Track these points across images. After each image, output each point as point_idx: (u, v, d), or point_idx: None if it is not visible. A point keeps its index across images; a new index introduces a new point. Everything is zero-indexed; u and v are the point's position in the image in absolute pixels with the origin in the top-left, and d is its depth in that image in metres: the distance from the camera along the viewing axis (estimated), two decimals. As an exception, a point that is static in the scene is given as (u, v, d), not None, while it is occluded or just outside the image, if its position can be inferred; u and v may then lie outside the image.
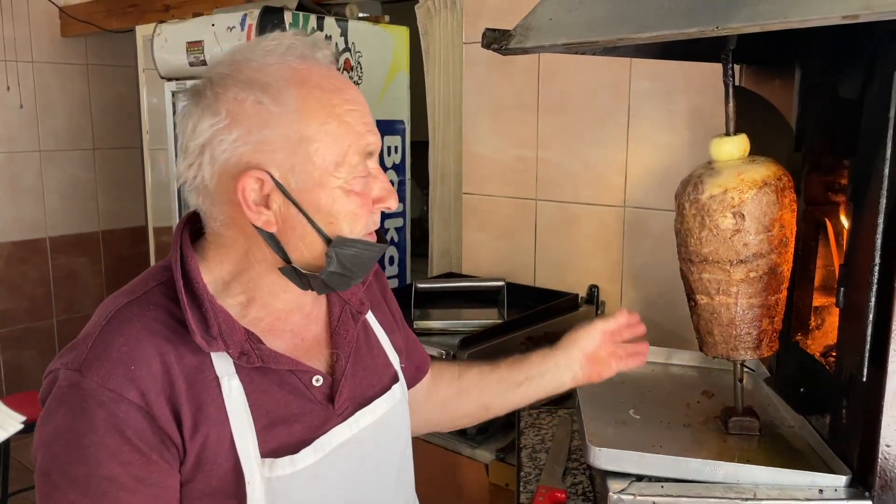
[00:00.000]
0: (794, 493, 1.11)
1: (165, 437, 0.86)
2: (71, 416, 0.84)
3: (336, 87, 0.91)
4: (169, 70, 2.75)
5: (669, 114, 1.93)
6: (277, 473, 0.91)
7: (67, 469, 0.84)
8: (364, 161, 0.91)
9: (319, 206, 0.90)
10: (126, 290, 0.93)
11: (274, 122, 0.87)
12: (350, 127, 0.90)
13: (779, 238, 1.20)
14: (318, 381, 0.97)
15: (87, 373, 0.84)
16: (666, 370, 1.61)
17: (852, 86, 1.17)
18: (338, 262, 0.91)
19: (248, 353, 0.91)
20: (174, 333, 0.89)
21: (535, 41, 1.04)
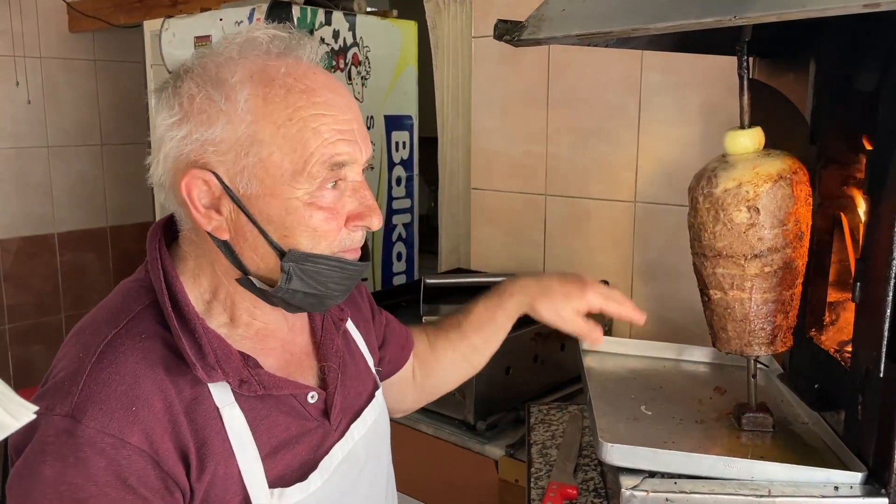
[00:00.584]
0: (809, 490, 1.10)
1: (171, 481, 0.80)
2: (62, 469, 0.75)
3: (307, 89, 0.82)
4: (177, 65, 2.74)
5: (681, 108, 1.92)
6: (288, 502, 0.87)
7: None
8: (330, 173, 0.82)
9: (271, 217, 0.82)
10: (106, 318, 0.85)
11: (224, 121, 0.81)
12: (315, 133, 0.81)
13: (794, 232, 1.18)
14: (314, 397, 0.93)
15: (81, 418, 0.76)
16: (677, 366, 1.60)
17: (869, 77, 1.15)
18: (300, 279, 0.84)
19: (248, 380, 0.86)
20: (170, 364, 0.82)
21: (548, 32, 1.03)
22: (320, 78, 0.85)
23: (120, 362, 0.80)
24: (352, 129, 0.85)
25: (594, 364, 1.59)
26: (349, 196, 0.86)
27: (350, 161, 0.84)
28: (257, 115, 0.81)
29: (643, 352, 1.64)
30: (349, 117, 0.85)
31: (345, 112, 0.84)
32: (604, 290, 1.18)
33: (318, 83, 0.84)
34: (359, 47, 2.57)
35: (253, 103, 0.81)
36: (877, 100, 1.12)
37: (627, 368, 1.57)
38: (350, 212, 0.86)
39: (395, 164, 2.74)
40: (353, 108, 0.87)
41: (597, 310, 1.14)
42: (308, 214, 0.82)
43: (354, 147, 0.85)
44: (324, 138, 0.82)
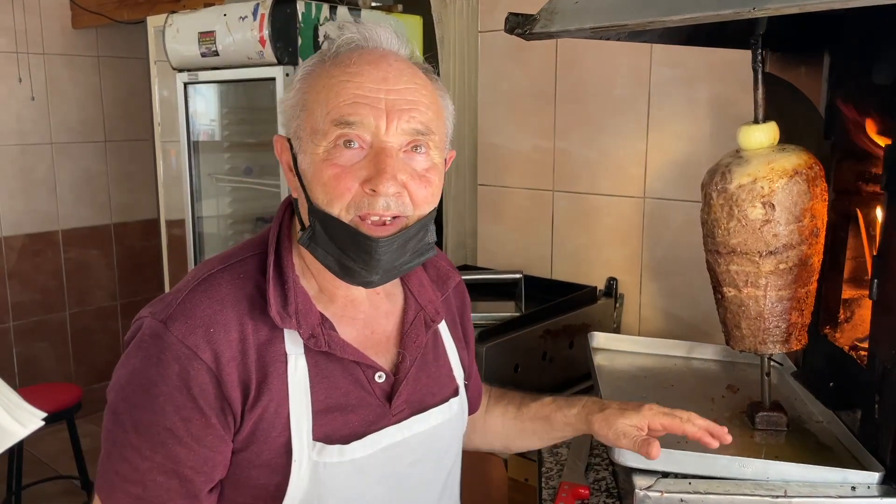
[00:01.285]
0: (825, 491, 1.08)
1: (227, 404, 0.88)
2: (147, 364, 0.88)
3: (348, 62, 0.90)
4: (181, 61, 2.73)
5: (690, 102, 1.90)
6: (325, 459, 0.92)
7: (134, 412, 0.88)
8: (337, 129, 0.87)
9: (304, 172, 0.92)
10: (223, 256, 0.98)
11: (292, 93, 0.94)
12: (335, 95, 0.89)
13: (810, 229, 1.16)
14: (381, 377, 0.98)
15: (170, 326, 0.88)
16: (688, 364, 1.58)
17: (887, 70, 1.13)
18: (322, 236, 0.91)
19: (318, 336, 0.93)
20: (255, 305, 0.92)
21: (560, 25, 1.01)
22: (370, 56, 0.91)
23: (213, 290, 0.92)
24: (378, 96, 0.88)
25: (604, 362, 1.57)
26: (371, 160, 0.88)
27: (362, 123, 0.87)
28: (305, 85, 0.93)
29: (653, 349, 1.62)
30: (381, 87, 0.89)
31: (378, 82, 0.89)
32: (665, 409, 1.10)
33: (363, 60, 0.91)
34: (364, 42, 2.55)
35: (304, 75, 0.93)
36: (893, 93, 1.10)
37: (638, 366, 1.56)
38: (365, 175, 0.88)
39: (401, 160, 2.72)
40: (394, 81, 0.90)
41: (657, 426, 1.08)
42: (322, 170, 0.89)
43: (373, 112, 0.88)
44: (340, 99, 0.88)
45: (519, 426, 1.21)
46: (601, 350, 1.62)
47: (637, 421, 1.07)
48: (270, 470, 0.91)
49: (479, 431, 1.25)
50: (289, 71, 2.37)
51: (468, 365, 1.16)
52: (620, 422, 1.08)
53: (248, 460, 0.91)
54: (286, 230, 0.98)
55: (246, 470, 0.91)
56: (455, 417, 1.08)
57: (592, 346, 1.61)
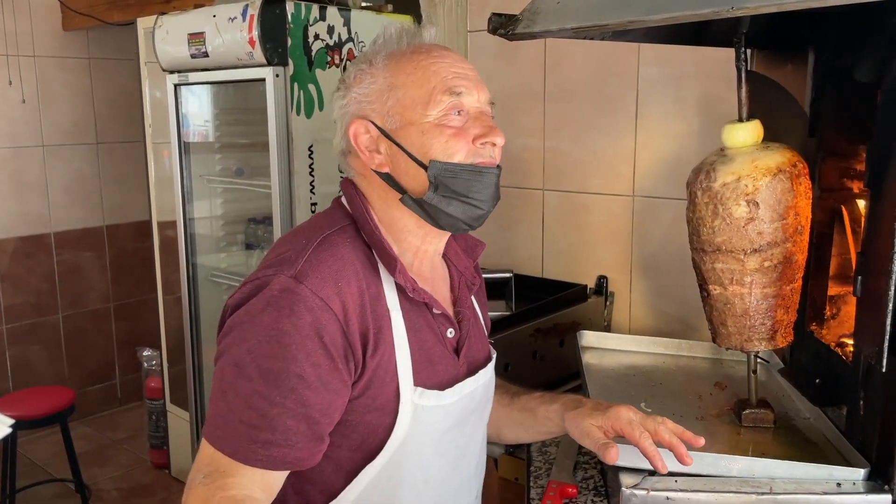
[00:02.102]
0: (811, 487, 1.09)
1: (350, 352, 0.98)
2: (279, 317, 0.94)
3: (427, 49, 1.07)
4: (171, 62, 2.72)
5: (679, 100, 1.90)
6: (423, 403, 1.04)
7: (263, 363, 0.94)
8: (450, 98, 1.03)
9: (413, 141, 1.03)
10: (318, 225, 1.07)
11: (369, 80, 1.06)
12: (435, 73, 1.04)
13: (794, 226, 1.17)
14: (451, 333, 1.11)
15: (303, 280, 0.96)
16: (677, 362, 1.59)
17: (869, 68, 1.13)
18: (445, 186, 1.03)
19: (417, 290, 1.05)
20: (366, 263, 1.04)
21: (542, 25, 1.02)
22: (437, 47, 1.09)
23: (336, 248, 1.02)
24: (465, 73, 1.06)
25: (593, 360, 1.58)
26: (473, 121, 1.05)
27: (467, 92, 1.04)
28: (391, 70, 1.05)
29: (642, 347, 1.63)
30: (463, 66, 1.07)
31: (459, 62, 1.07)
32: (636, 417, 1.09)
33: (435, 48, 1.08)
34: (354, 42, 2.55)
35: (387, 63, 1.06)
36: (877, 91, 1.10)
37: (626, 364, 1.56)
38: (475, 133, 1.04)
39: (392, 159, 2.72)
40: (467, 64, 1.08)
41: (618, 430, 1.09)
42: (438, 132, 1.03)
43: (470, 82, 1.05)
44: (441, 76, 1.04)
45: (508, 414, 1.27)
46: (590, 348, 1.62)
47: (601, 422, 1.11)
48: (383, 413, 1.02)
49: None
50: (279, 72, 2.37)
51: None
52: (587, 422, 1.13)
53: (365, 405, 1.01)
54: (365, 203, 1.09)
55: (362, 414, 1.01)
56: (492, 377, 1.21)
57: (581, 345, 1.61)
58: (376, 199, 1.09)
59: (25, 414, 3.00)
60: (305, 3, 2.41)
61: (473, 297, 1.23)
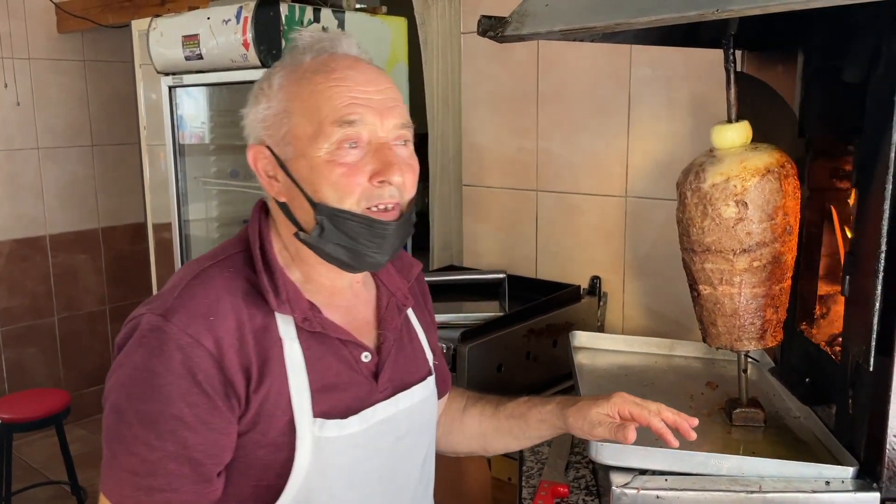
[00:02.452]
0: (800, 486, 1.09)
1: (230, 388, 0.93)
2: (149, 357, 0.91)
3: (329, 69, 0.97)
4: (165, 64, 2.73)
5: (671, 102, 1.91)
6: (325, 434, 0.98)
7: (140, 406, 0.91)
8: (341, 130, 0.95)
9: (303, 175, 0.97)
10: (208, 255, 1.03)
11: (265, 105, 0.99)
12: (329, 100, 0.95)
13: (782, 226, 1.18)
14: (367, 357, 1.05)
15: (170, 318, 0.92)
16: (669, 361, 1.59)
17: (857, 69, 1.14)
18: (333, 231, 0.96)
19: (310, 319, 1.00)
20: (248, 295, 0.98)
21: (531, 28, 1.02)
22: (346, 61, 0.99)
23: (209, 283, 0.97)
24: (368, 97, 0.97)
25: (585, 361, 1.58)
26: (372, 155, 0.97)
27: (362, 121, 0.96)
28: (287, 93, 0.98)
29: (634, 348, 1.63)
30: (369, 88, 0.97)
31: (364, 84, 0.97)
32: (636, 399, 1.12)
33: (341, 65, 0.99)
34: (348, 44, 2.55)
35: (284, 84, 0.98)
36: (864, 91, 1.11)
37: (619, 364, 1.57)
38: (372, 170, 0.96)
39: (387, 161, 2.73)
40: (377, 82, 0.99)
41: (626, 414, 1.10)
42: (329, 170, 0.95)
43: (369, 111, 0.97)
44: (335, 103, 0.95)
45: (495, 424, 1.24)
46: (582, 349, 1.63)
47: (608, 409, 1.12)
48: (276, 448, 0.97)
49: (456, 432, 1.28)
50: (272, 74, 2.37)
51: (434, 348, 1.23)
52: (594, 411, 1.12)
53: (255, 440, 0.96)
54: (265, 228, 1.05)
55: (252, 451, 0.96)
56: (432, 394, 1.16)
57: (574, 345, 1.62)
58: (282, 225, 1.04)
59: (21, 416, 3.00)
60: (299, 5, 2.41)
61: (415, 314, 1.19)
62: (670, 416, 1.09)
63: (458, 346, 1.63)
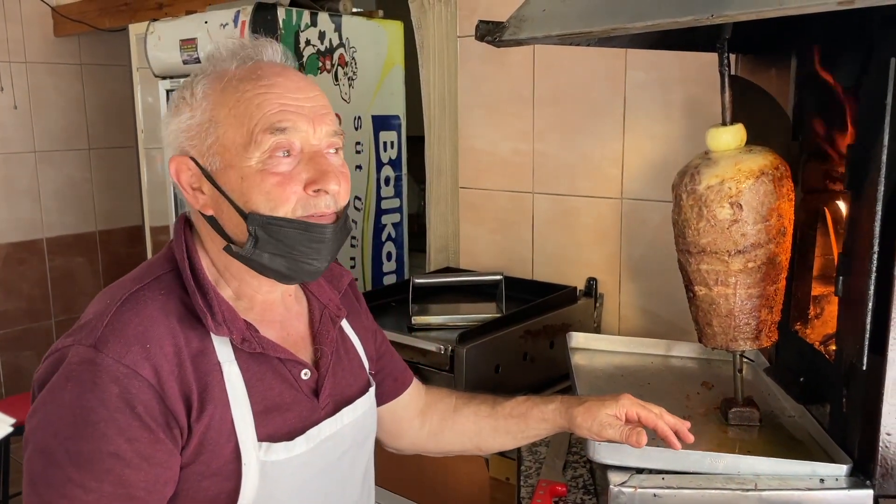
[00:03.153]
0: (795, 483, 1.11)
1: (172, 418, 0.89)
2: (81, 392, 0.85)
3: (256, 76, 0.94)
4: (163, 68, 2.73)
5: (666, 104, 1.92)
6: (272, 458, 0.95)
7: (72, 446, 0.84)
8: (273, 138, 0.91)
9: (233, 186, 0.93)
10: (132, 277, 0.97)
11: (188, 115, 0.95)
12: (258, 108, 0.92)
13: (777, 228, 1.19)
14: (307, 374, 1.02)
15: (102, 349, 0.86)
16: (665, 362, 1.61)
17: (849, 73, 1.16)
18: (267, 241, 0.93)
19: (249, 339, 0.96)
20: (183, 318, 0.93)
21: (528, 32, 1.03)
22: (273, 69, 0.96)
23: (141, 307, 0.91)
24: (299, 104, 0.94)
25: (582, 361, 1.59)
26: (306, 164, 0.94)
27: (294, 128, 0.92)
28: (213, 102, 0.94)
29: (631, 348, 1.64)
30: (299, 96, 0.94)
31: (293, 91, 0.94)
32: (639, 401, 1.15)
33: (269, 72, 0.95)
34: (345, 48, 2.56)
35: (209, 93, 0.94)
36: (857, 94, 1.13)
37: (615, 365, 1.58)
38: (307, 178, 0.93)
39: (384, 164, 2.74)
40: (306, 90, 0.96)
41: (633, 416, 1.13)
42: (261, 180, 0.92)
43: (301, 118, 0.93)
44: (265, 111, 0.92)
45: (493, 424, 1.24)
46: (579, 350, 1.64)
47: (616, 410, 1.13)
48: (222, 478, 0.92)
49: (448, 432, 1.27)
50: (270, 77, 2.38)
51: (383, 349, 1.23)
52: (603, 412, 1.13)
53: (199, 472, 0.91)
54: (192, 245, 1.00)
55: (197, 482, 0.92)
56: (372, 406, 1.14)
57: (571, 346, 1.63)
58: (209, 240, 0.99)
59: (19, 420, 3.00)
60: (297, 10, 2.42)
61: (349, 325, 1.17)
62: (671, 419, 1.12)
63: (455, 347, 1.64)
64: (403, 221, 2.85)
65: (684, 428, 1.12)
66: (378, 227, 2.76)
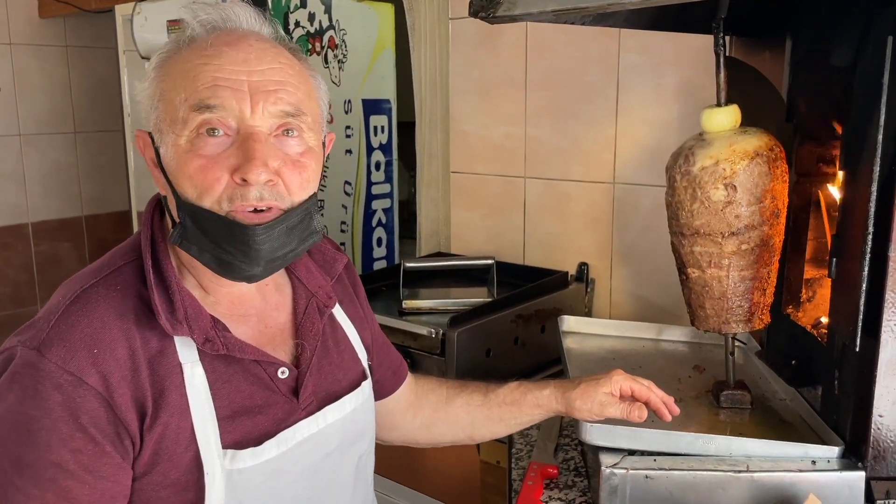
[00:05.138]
0: (787, 465, 1.10)
1: (122, 428, 0.82)
2: (23, 398, 0.79)
3: (203, 45, 0.85)
4: (149, 50, 2.70)
5: (659, 88, 1.91)
6: (238, 466, 0.88)
7: (14, 453, 0.80)
8: (197, 115, 0.82)
9: (169, 166, 0.85)
10: (93, 268, 0.90)
11: (144, 86, 0.88)
12: (192, 80, 0.83)
13: (771, 210, 1.19)
14: (284, 373, 0.94)
15: (46, 353, 0.80)
16: (657, 346, 1.60)
17: (845, 53, 1.15)
18: (194, 231, 0.84)
19: (213, 339, 0.88)
20: (140, 316, 0.85)
21: (523, 8, 1.02)
22: (229, 37, 0.86)
23: (91, 307, 0.84)
24: (238, 77, 0.83)
25: (574, 345, 1.59)
26: (237, 147, 0.83)
27: (222, 106, 0.82)
28: (161, 72, 0.87)
29: (623, 332, 1.64)
30: (241, 69, 0.83)
31: (238, 64, 0.83)
32: (630, 375, 1.16)
33: (220, 41, 0.85)
34: (335, 30, 2.54)
35: (159, 63, 0.87)
36: (852, 75, 1.12)
37: (607, 349, 1.58)
38: (233, 164, 0.83)
39: (374, 148, 2.72)
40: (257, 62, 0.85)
41: (627, 391, 1.13)
42: (186, 161, 0.83)
43: (235, 94, 0.83)
44: (197, 84, 0.83)
45: (486, 412, 1.22)
46: (571, 333, 1.63)
47: (611, 388, 1.13)
48: (181, 488, 0.86)
49: (440, 424, 1.25)
50: (259, 59, 2.36)
51: (379, 342, 1.18)
52: (600, 392, 1.13)
53: (156, 482, 0.85)
54: (158, 231, 0.91)
55: (155, 493, 0.85)
56: (367, 400, 1.07)
57: (562, 330, 1.62)
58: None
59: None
60: (286, -10, 2.39)
61: (343, 312, 1.09)
62: (659, 392, 1.15)
63: (447, 331, 1.63)
64: (394, 207, 2.83)
65: (671, 401, 1.16)
66: (368, 212, 2.75)
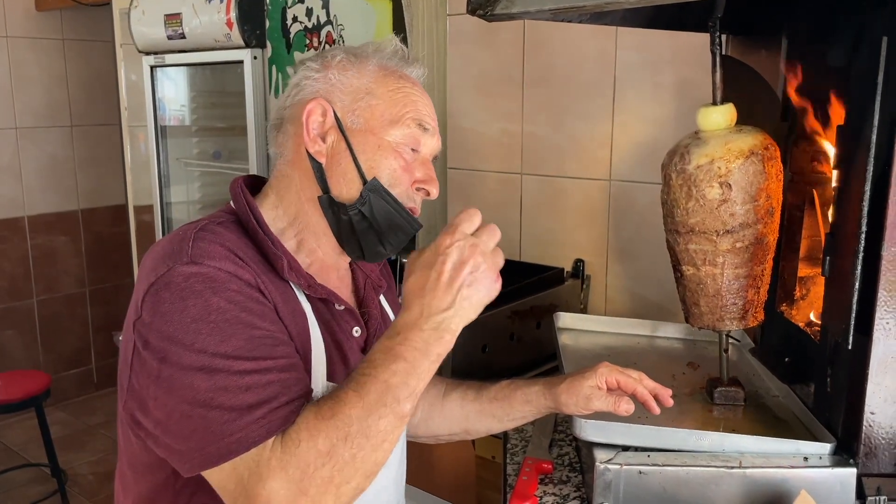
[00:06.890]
0: (779, 461, 1.11)
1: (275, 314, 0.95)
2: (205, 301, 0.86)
3: (412, 84, 1.07)
4: (147, 44, 2.70)
5: (656, 86, 1.92)
6: None
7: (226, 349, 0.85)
8: (416, 129, 1.03)
9: (366, 149, 1.02)
10: (188, 224, 1.00)
11: (353, 73, 1.04)
12: (412, 102, 1.04)
13: (765, 208, 1.19)
14: (357, 332, 1.09)
15: (201, 261, 0.89)
16: (651, 342, 1.61)
17: (840, 53, 1.16)
18: (370, 207, 1.01)
19: (314, 286, 1.02)
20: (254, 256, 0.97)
21: (521, 6, 1.02)
22: (419, 85, 1.10)
23: (217, 234, 0.95)
24: (434, 118, 1.08)
25: (569, 342, 1.60)
26: (420, 165, 1.06)
27: (433, 133, 1.06)
28: (376, 77, 1.05)
29: (618, 329, 1.65)
30: (433, 113, 1.09)
31: (430, 108, 1.08)
32: (617, 367, 1.17)
33: (419, 85, 1.10)
34: (332, 26, 2.54)
35: (375, 69, 1.06)
36: (847, 75, 1.13)
37: (602, 345, 1.59)
38: (417, 177, 1.05)
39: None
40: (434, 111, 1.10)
41: (613, 383, 1.14)
42: (392, 157, 1.03)
43: (435, 128, 1.08)
44: (417, 108, 1.05)
45: (478, 407, 1.26)
46: (566, 330, 1.64)
47: (596, 381, 1.15)
48: None
49: (437, 417, 1.29)
50: (257, 54, 2.36)
51: None
52: (585, 385, 1.15)
53: None
54: (251, 200, 1.05)
55: None
56: None
57: (558, 326, 1.63)
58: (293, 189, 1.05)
59: (0, 398, 2.98)
60: (284, -15, 2.40)
61: (385, 300, 1.22)
62: (651, 383, 1.16)
63: (442, 326, 1.63)
64: (390, 202, 2.84)
65: (665, 393, 1.15)
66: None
